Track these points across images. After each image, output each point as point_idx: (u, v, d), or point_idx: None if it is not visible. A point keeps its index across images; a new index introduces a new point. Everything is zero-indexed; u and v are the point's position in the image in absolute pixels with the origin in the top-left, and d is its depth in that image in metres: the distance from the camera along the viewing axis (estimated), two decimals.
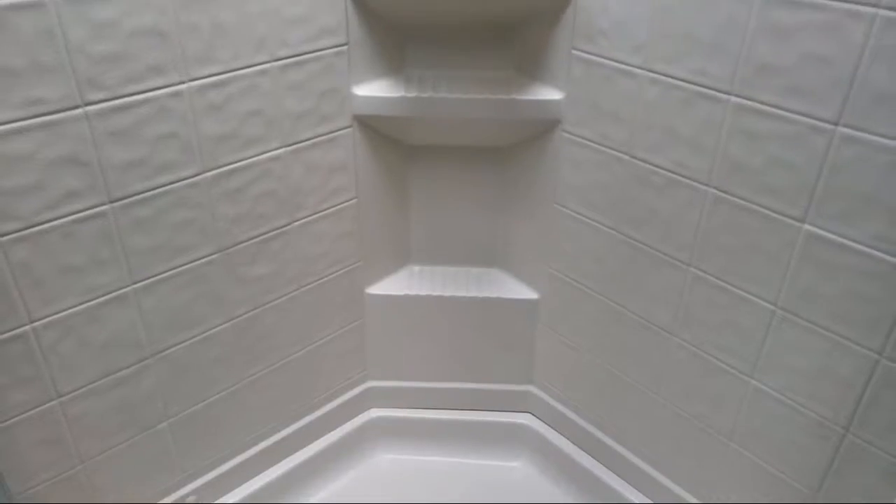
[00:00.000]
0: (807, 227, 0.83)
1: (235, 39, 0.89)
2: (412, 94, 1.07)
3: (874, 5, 0.69)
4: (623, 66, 0.95)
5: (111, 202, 0.86)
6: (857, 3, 0.70)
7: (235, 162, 0.96)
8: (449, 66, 1.11)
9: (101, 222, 0.86)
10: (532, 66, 1.08)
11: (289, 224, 1.08)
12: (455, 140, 1.18)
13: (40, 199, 0.80)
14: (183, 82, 0.86)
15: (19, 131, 0.76)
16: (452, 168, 1.23)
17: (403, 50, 1.10)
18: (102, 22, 0.77)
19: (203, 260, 0.99)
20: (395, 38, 1.08)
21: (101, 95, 0.80)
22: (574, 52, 1.00)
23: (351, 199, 1.15)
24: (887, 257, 0.77)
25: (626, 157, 1.00)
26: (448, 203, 1.26)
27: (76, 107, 0.79)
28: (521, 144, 1.16)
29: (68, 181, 0.81)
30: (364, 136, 1.11)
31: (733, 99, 0.84)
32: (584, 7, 0.96)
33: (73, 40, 0.76)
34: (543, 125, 1.10)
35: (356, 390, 1.35)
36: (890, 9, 0.68)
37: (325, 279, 1.18)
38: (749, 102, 0.83)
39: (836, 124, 0.76)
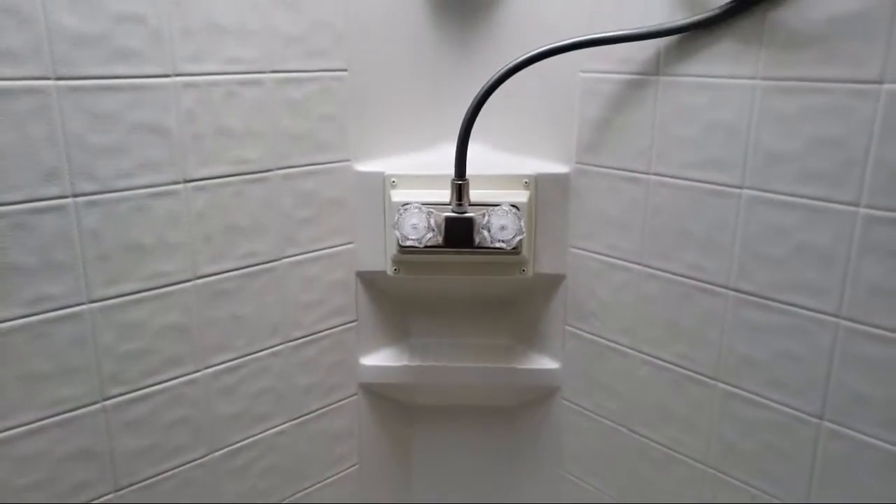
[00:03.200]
0: None
1: (251, 327, 0.96)
2: (416, 363, 1.12)
3: (835, 315, 0.75)
4: (614, 345, 1.00)
5: (116, 490, 0.87)
6: (818, 312, 0.76)
7: (242, 440, 0.99)
8: (450, 335, 1.18)
9: None
10: (529, 337, 1.14)
11: (292, 496, 1.07)
12: (458, 401, 1.21)
13: (46, 494, 0.82)
14: (198, 370, 0.92)
15: (40, 430, 0.80)
16: (455, 428, 1.24)
17: (408, 321, 1.18)
18: (132, 323, 0.84)
19: None
20: (400, 312, 1.16)
21: (120, 389, 0.85)
22: (567, 327, 1.07)
23: (353, 466, 1.15)
24: None
25: (624, 430, 1.02)
26: (451, 463, 1.26)
27: (96, 402, 0.83)
28: (523, 406, 1.19)
29: (78, 474, 0.83)
30: (368, 402, 1.15)
31: (720, 385, 0.88)
32: (574, 289, 1.04)
33: (102, 344, 0.82)
34: (543, 391, 1.13)
35: None
36: (851, 320, 0.74)
37: None
38: (735, 389, 0.86)
39: (820, 419, 0.79)
